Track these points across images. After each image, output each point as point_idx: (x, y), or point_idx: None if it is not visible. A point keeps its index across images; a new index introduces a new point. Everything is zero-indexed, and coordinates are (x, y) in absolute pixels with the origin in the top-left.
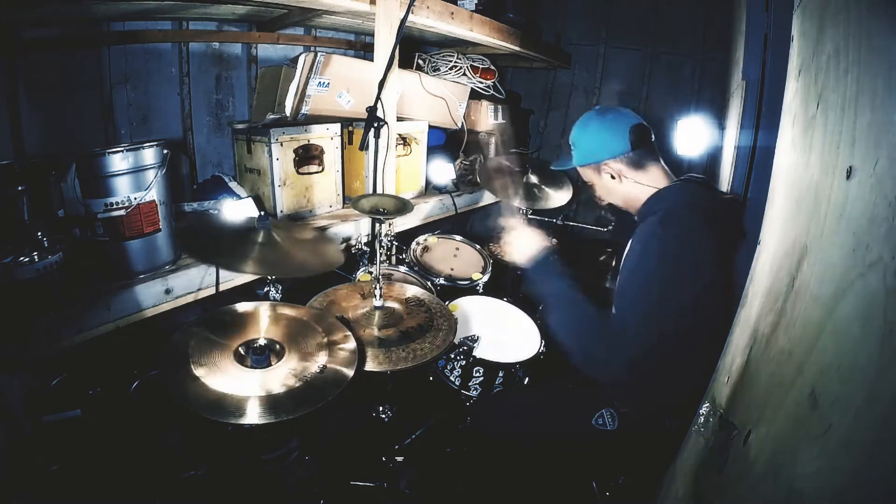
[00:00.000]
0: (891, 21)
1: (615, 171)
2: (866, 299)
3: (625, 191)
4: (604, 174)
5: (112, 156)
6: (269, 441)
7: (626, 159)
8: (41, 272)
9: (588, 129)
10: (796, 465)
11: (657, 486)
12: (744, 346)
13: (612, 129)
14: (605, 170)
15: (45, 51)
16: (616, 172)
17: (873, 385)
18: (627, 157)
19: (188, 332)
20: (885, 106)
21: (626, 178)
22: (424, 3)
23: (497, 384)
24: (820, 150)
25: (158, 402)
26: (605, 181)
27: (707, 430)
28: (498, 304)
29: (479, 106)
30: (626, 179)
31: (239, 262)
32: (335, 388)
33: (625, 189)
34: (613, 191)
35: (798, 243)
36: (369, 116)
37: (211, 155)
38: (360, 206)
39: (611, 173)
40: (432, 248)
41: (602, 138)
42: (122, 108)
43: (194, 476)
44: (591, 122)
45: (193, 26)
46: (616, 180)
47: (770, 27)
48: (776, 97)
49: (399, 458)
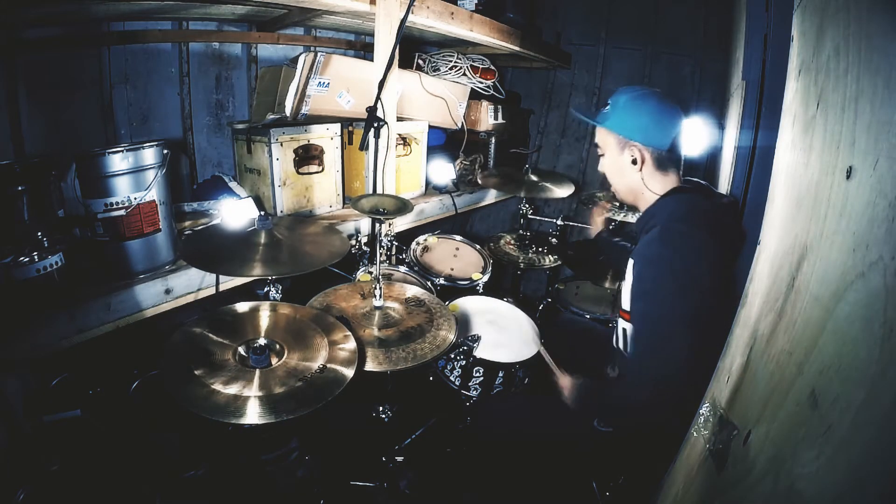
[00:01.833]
0: (891, 21)
1: (640, 158)
2: (866, 299)
3: (634, 180)
4: (627, 153)
5: (112, 156)
6: (269, 441)
7: (657, 154)
8: (41, 272)
9: (642, 105)
10: (796, 465)
11: (657, 486)
12: (744, 346)
13: (664, 120)
14: (631, 150)
15: (45, 51)
16: (640, 159)
17: (873, 385)
18: (659, 152)
19: (188, 332)
20: (885, 106)
21: (643, 170)
22: (424, 3)
23: (497, 384)
24: (820, 150)
25: (158, 402)
26: (624, 160)
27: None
28: (498, 304)
29: (479, 106)
30: (642, 171)
31: (245, 266)
32: (335, 388)
33: (634, 179)
34: (624, 173)
35: (798, 243)
36: (369, 116)
37: (211, 155)
38: (360, 206)
39: (634, 157)
40: (432, 248)
41: (650, 122)
42: (122, 108)
43: (194, 476)
44: (649, 100)
45: (193, 26)
46: (636, 166)
47: (770, 27)
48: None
49: (399, 458)
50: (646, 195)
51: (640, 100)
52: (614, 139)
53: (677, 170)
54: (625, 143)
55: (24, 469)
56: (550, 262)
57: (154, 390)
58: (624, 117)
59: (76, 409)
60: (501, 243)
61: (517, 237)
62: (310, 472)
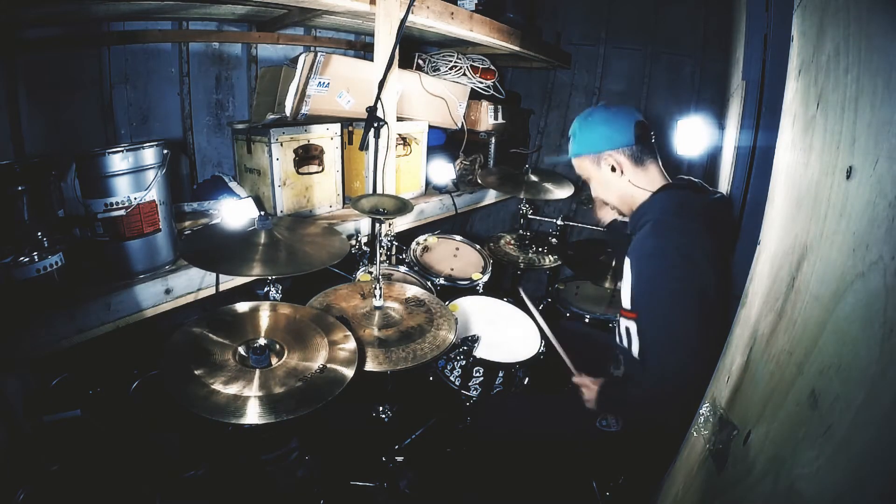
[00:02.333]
0: (891, 21)
1: (616, 163)
2: (866, 299)
3: (622, 187)
4: (604, 165)
5: (112, 156)
6: (269, 441)
7: (629, 152)
8: (41, 272)
9: (592, 120)
10: (796, 465)
11: (657, 486)
12: (744, 346)
13: (617, 121)
14: (606, 161)
15: (45, 51)
16: (617, 164)
17: (873, 385)
18: (630, 150)
19: (188, 332)
20: (885, 106)
21: (625, 172)
22: (424, 3)
23: (497, 384)
24: (820, 150)
25: (158, 402)
26: (605, 174)
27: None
28: (498, 304)
29: (479, 106)
30: (624, 175)
31: (245, 266)
32: (335, 388)
33: (622, 186)
34: (611, 186)
35: (798, 243)
36: (369, 116)
37: (211, 155)
38: (360, 206)
39: (612, 165)
40: (432, 248)
41: (606, 129)
42: (122, 108)
43: (194, 476)
44: (595, 114)
45: (193, 26)
46: (616, 173)
47: (770, 27)
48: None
49: (399, 458)
50: (637, 196)
51: (589, 117)
52: (588, 160)
53: (656, 161)
54: (598, 158)
55: (24, 469)
56: (550, 262)
57: (154, 390)
58: (584, 138)
59: (76, 409)
60: (501, 243)
61: (517, 237)
62: (310, 472)
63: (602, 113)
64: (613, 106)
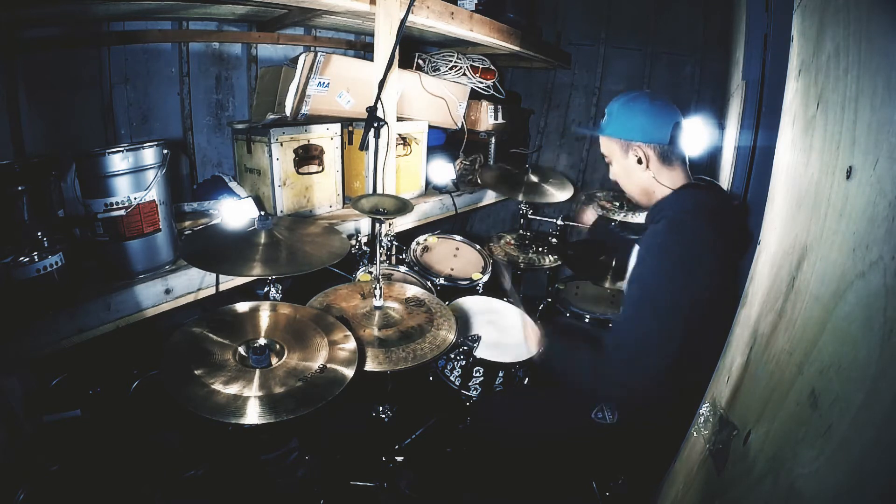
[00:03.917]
0: (891, 21)
1: (644, 156)
2: (866, 299)
3: (644, 180)
4: (631, 155)
5: (112, 156)
6: (269, 441)
7: (660, 149)
8: (41, 272)
9: (633, 107)
10: (796, 465)
11: (657, 486)
12: (744, 346)
13: (658, 116)
14: (634, 151)
15: (45, 51)
16: (645, 157)
17: (873, 385)
18: (662, 147)
19: (188, 332)
20: (885, 106)
21: (650, 167)
22: (424, 3)
23: (497, 384)
24: (820, 150)
25: (158, 402)
26: (630, 162)
27: (707, 430)
28: (498, 304)
29: (479, 106)
30: (649, 169)
31: (245, 266)
32: (335, 388)
33: (644, 179)
34: (633, 175)
35: (798, 243)
36: (369, 116)
37: (211, 155)
38: (360, 206)
39: (640, 157)
40: (432, 248)
41: (645, 120)
42: (122, 108)
43: (194, 476)
44: (638, 101)
45: (193, 26)
46: (641, 165)
47: (770, 27)
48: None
49: (399, 458)
50: (658, 192)
51: (632, 102)
52: (617, 145)
53: (683, 163)
54: (627, 146)
55: (24, 469)
56: (550, 262)
57: (154, 390)
58: (621, 122)
59: (76, 409)
60: (501, 243)
61: (517, 237)
62: (310, 472)
63: (645, 103)
64: (659, 99)
